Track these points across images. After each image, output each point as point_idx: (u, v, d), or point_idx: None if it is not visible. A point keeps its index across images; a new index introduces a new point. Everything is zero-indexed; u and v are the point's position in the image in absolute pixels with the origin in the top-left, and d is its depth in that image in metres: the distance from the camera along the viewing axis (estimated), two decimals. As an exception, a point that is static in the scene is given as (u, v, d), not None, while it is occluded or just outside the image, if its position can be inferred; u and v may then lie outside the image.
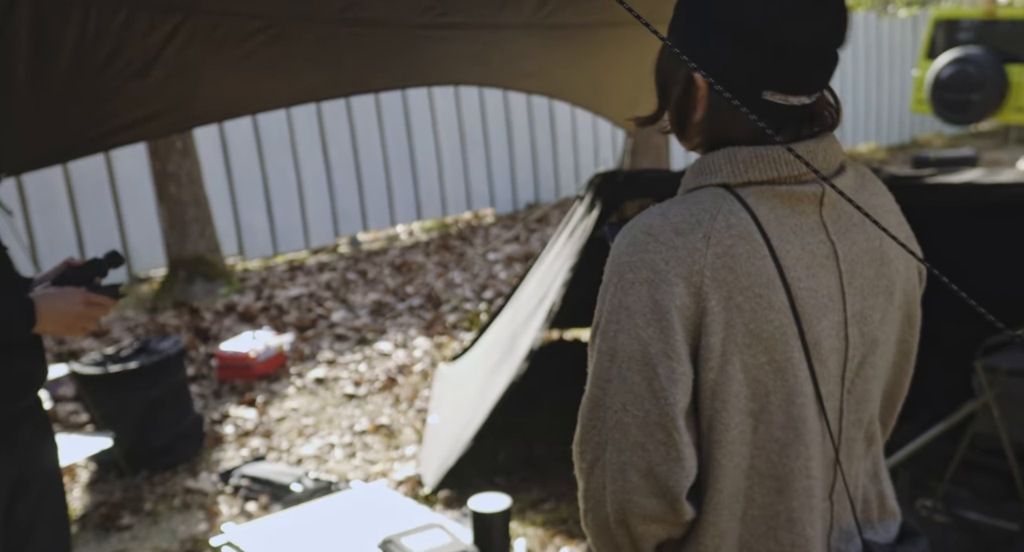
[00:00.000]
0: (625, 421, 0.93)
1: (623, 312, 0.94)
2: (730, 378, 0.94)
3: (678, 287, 0.92)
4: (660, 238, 0.94)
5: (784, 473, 0.97)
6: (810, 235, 0.98)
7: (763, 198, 0.97)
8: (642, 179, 3.74)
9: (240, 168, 6.83)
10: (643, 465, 0.93)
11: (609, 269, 0.97)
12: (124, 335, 5.13)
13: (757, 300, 0.94)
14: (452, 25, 2.67)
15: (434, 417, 3.66)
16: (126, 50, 2.13)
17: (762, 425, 0.96)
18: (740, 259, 0.94)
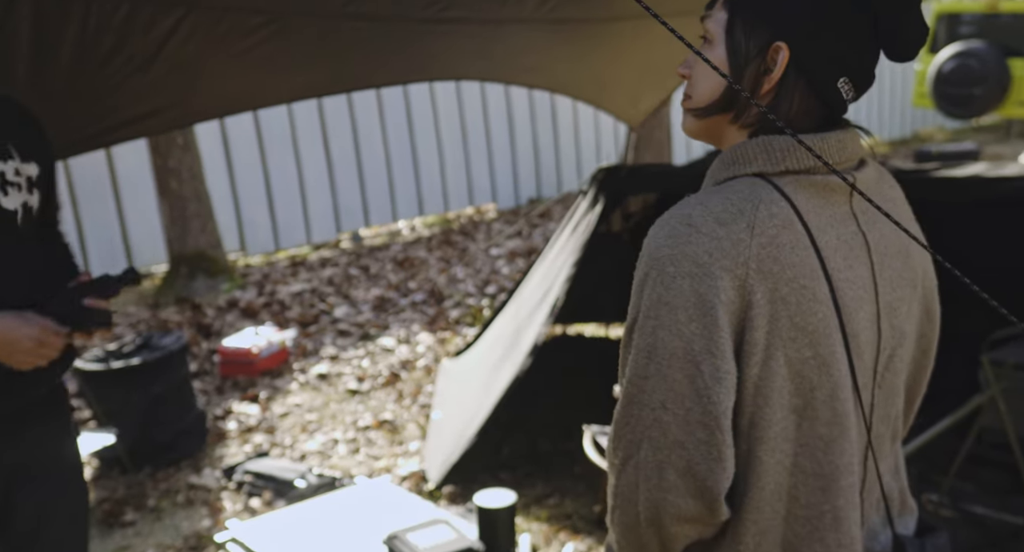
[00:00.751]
0: (664, 419, 0.90)
1: (663, 307, 0.90)
2: (774, 373, 0.91)
3: (723, 280, 0.89)
4: (702, 229, 0.90)
5: (829, 471, 0.94)
6: (843, 225, 0.97)
7: (800, 187, 0.95)
8: (645, 174, 3.73)
9: (241, 163, 6.82)
10: (682, 464, 0.90)
11: (646, 263, 0.93)
12: (126, 331, 5.12)
13: (802, 292, 0.91)
14: (454, 19, 2.65)
15: (437, 413, 3.66)
16: (127, 45, 2.12)
17: (806, 422, 0.94)
18: (784, 249, 0.91)
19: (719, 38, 0.99)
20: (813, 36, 0.95)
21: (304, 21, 2.39)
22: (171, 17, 2.11)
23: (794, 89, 0.96)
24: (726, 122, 1.01)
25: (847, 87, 0.97)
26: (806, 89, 0.96)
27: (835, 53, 0.96)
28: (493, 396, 3.20)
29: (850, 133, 0.99)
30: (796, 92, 0.96)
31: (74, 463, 1.76)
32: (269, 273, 6.36)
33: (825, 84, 0.96)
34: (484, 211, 8.30)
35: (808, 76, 0.96)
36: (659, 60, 3.45)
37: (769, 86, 0.97)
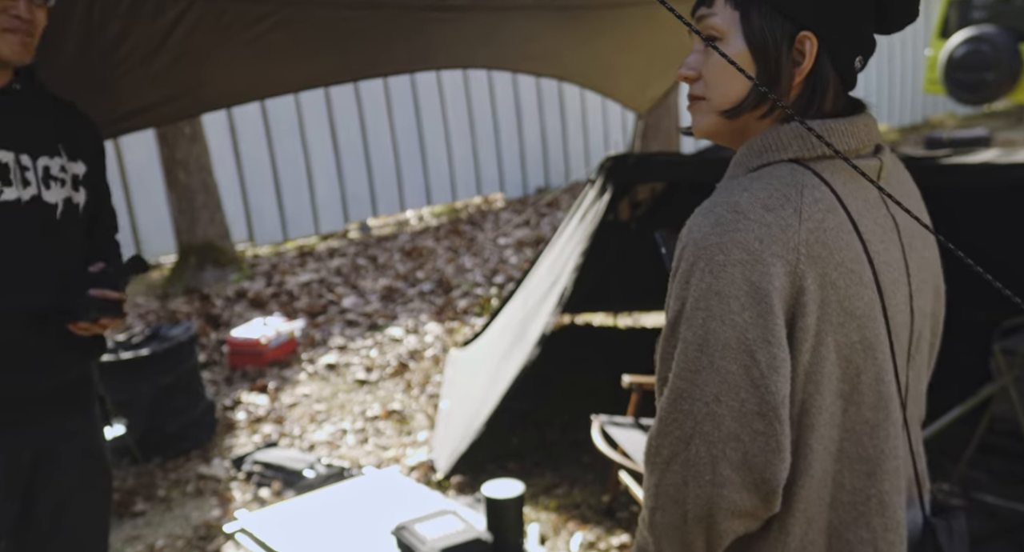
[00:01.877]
0: (718, 412, 0.88)
1: (714, 297, 0.88)
2: (823, 359, 0.90)
3: (775, 267, 0.87)
4: (750, 215, 0.88)
5: (875, 455, 0.93)
6: (876, 209, 0.97)
7: (836, 172, 0.94)
8: (653, 162, 3.71)
9: (249, 154, 6.82)
10: (737, 457, 0.88)
11: (691, 252, 0.90)
12: (136, 322, 5.14)
13: (850, 276, 0.90)
14: (459, 7, 2.64)
15: (446, 402, 3.66)
16: (132, 36, 2.11)
17: (852, 406, 0.93)
18: (831, 233, 0.90)
19: (733, 34, 0.96)
20: (836, 21, 0.94)
21: (308, 10, 2.37)
22: (175, 7, 2.10)
23: (827, 75, 0.96)
24: (755, 118, 0.99)
25: (860, 63, 0.98)
26: (835, 73, 0.97)
27: (853, 33, 0.97)
28: (501, 386, 3.19)
29: (869, 118, 0.99)
30: (829, 78, 0.97)
31: (99, 451, 1.77)
32: (277, 263, 6.37)
33: (847, 65, 0.97)
34: (492, 200, 8.29)
35: (834, 61, 0.96)
36: (667, 47, 3.42)
37: (800, 77, 0.96)
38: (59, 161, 1.62)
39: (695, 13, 1.00)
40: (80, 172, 1.67)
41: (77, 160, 1.67)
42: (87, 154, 1.71)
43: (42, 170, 1.59)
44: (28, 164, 1.57)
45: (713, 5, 0.98)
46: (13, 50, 1.54)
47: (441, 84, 7.78)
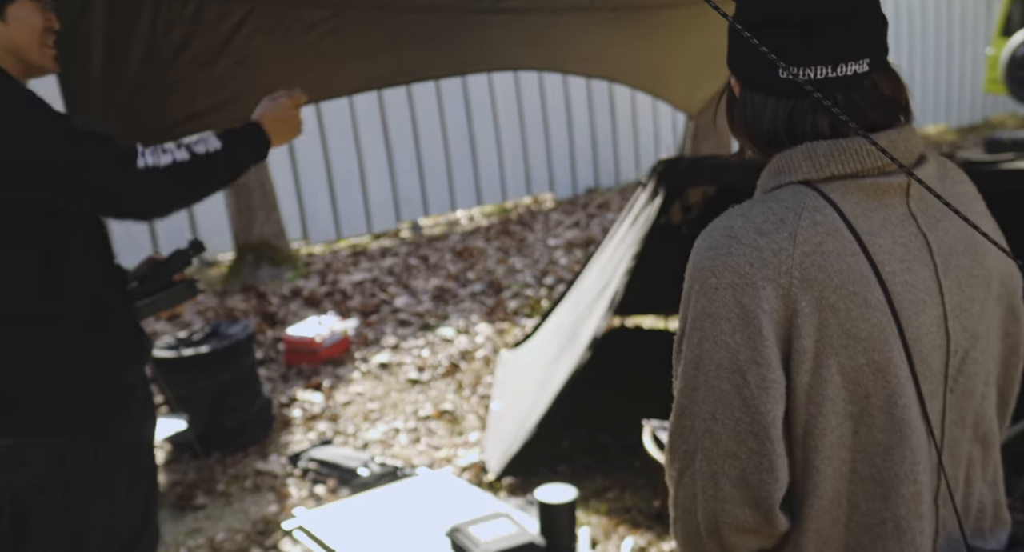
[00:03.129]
0: (715, 430, 0.91)
1: (707, 319, 0.91)
2: (825, 381, 0.90)
3: (765, 290, 0.89)
4: (743, 240, 0.91)
5: (888, 478, 0.93)
6: (900, 227, 0.94)
7: (848, 192, 0.93)
8: (705, 166, 3.67)
9: (304, 154, 6.93)
10: (735, 474, 0.90)
11: (690, 275, 0.94)
12: (195, 318, 5.27)
13: (852, 298, 0.90)
14: (513, 10, 2.64)
15: (497, 403, 3.67)
16: (195, 41, 2.17)
17: (863, 428, 0.92)
18: (830, 257, 0.90)
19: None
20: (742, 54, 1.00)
21: (364, 15, 2.41)
22: (236, 13, 2.16)
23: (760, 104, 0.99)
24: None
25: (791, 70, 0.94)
26: (763, 97, 0.99)
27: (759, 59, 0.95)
28: (552, 388, 3.20)
29: (904, 131, 0.96)
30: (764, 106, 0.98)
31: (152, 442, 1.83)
32: (331, 262, 6.47)
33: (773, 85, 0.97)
34: (542, 201, 8.29)
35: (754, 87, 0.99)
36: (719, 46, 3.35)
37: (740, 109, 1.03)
38: None
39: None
40: None
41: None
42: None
43: None
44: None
45: None
46: (52, 65, 1.63)
47: (492, 84, 7.81)
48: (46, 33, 1.58)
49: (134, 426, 1.73)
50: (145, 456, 1.79)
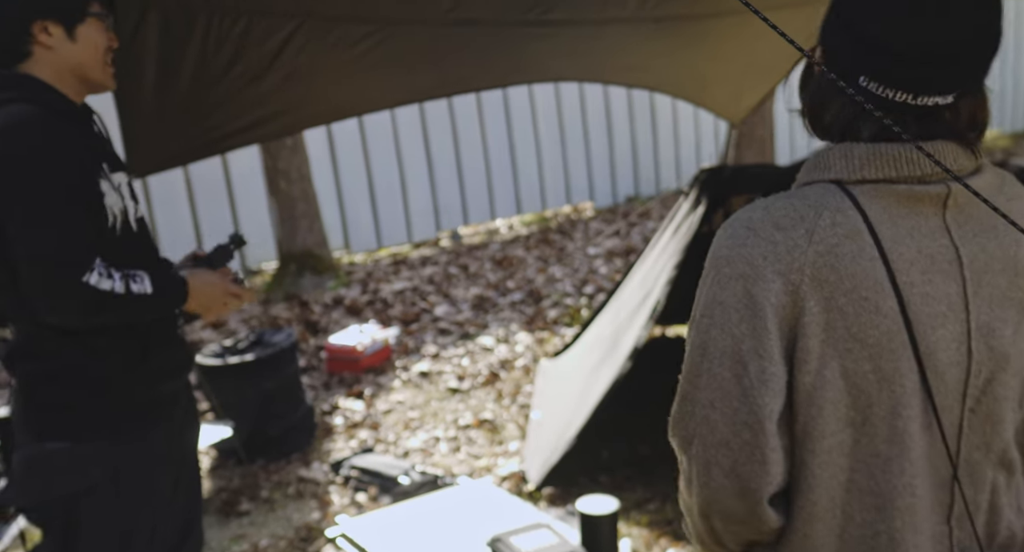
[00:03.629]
0: (712, 418, 0.92)
1: (717, 307, 0.92)
2: (828, 383, 0.90)
3: (775, 284, 0.90)
4: (760, 232, 0.92)
5: (886, 490, 0.92)
6: (929, 238, 0.93)
7: (878, 197, 0.92)
8: (748, 174, 3.64)
9: (346, 164, 7.02)
10: (727, 464, 0.91)
11: (708, 262, 0.96)
12: (240, 326, 5.36)
13: (862, 303, 0.89)
14: (556, 22, 2.66)
15: (537, 413, 3.67)
16: (244, 57, 2.22)
17: (864, 438, 0.92)
18: (844, 259, 0.90)
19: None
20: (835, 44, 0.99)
21: (409, 29, 2.44)
22: (285, 29, 2.20)
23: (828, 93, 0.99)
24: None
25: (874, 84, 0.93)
26: (837, 93, 0.98)
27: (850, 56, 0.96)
28: (593, 398, 3.19)
29: (951, 144, 0.94)
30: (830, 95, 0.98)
31: (196, 449, 1.87)
32: (372, 271, 6.53)
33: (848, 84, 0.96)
34: (582, 209, 8.27)
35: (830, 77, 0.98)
36: (763, 55, 3.35)
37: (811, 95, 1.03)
38: (126, 176, 1.72)
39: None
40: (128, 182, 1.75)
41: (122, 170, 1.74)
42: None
43: (127, 186, 1.69)
44: (129, 180, 1.69)
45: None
46: (112, 83, 1.66)
47: (532, 93, 7.83)
48: (108, 52, 1.62)
49: (178, 432, 1.77)
50: (189, 462, 1.83)
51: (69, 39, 1.55)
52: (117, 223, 1.60)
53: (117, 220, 1.60)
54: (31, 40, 1.54)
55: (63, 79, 1.58)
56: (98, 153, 1.62)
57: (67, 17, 1.54)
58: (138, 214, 1.67)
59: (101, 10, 1.58)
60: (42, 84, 1.56)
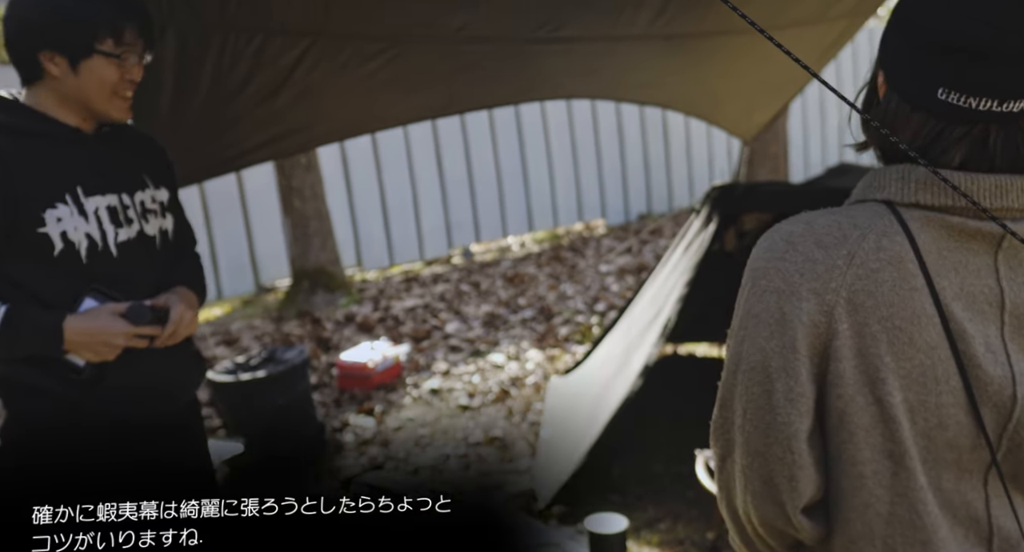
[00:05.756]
0: (747, 428, 0.92)
1: (751, 319, 0.91)
2: (861, 410, 0.88)
3: (809, 302, 0.87)
4: (799, 248, 0.89)
5: (928, 524, 0.89)
6: (974, 276, 0.88)
7: (929, 225, 0.88)
8: (761, 192, 3.63)
9: (359, 182, 7.07)
10: (764, 472, 0.91)
11: (747, 273, 0.94)
12: (252, 343, 5.38)
13: (896, 333, 0.86)
14: (567, 39, 2.67)
15: (547, 431, 3.66)
16: (258, 75, 2.24)
17: (903, 471, 0.89)
18: (884, 286, 0.86)
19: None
20: (903, 57, 0.92)
21: (421, 47, 2.46)
22: (298, 47, 2.22)
23: (898, 113, 0.92)
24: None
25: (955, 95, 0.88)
26: (910, 110, 0.91)
27: (925, 68, 0.90)
28: (604, 416, 3.17)
29: (1020, 180, 0.88)
30: (900, 115, 0.93)
31: (205, 469, 1.86)
32: (384, 288, 6.55)
33: (924, 99, 0.91)
34: (593, 227, 8.28)
35: (904, 94, 0.92)
36: (775, 72, 3.36)
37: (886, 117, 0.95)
38: (149, 192, 1.69)
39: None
40: (164, 199, 1.73)
41: (160, 187, 1.73)
42: (166, 179, 1.76)
43: (139, 205, 1.66)
44: (128, 202, 1.64)
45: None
46: (122, 114, 1.62)
47: (544, 111, 7.87)
48: (122, 84, 1.58)
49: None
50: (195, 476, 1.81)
51: (72, 72, 1.55)
52: (80, 249, 1.55)
53: (79, 246, 1.54)
54: (40, 67, 1.56)
55: (66, 105, 1.58)
56: (69, 177, 1.56)
57: (71, 52, 1.54)
58: (120, 238, 1.60)
59: (115, 49, 1.55)
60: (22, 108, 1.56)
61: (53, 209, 1.53)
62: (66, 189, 1.55)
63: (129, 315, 1.57)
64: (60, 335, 1.53)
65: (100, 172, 1.61)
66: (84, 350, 1.56)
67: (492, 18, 2.40)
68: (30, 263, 1.54)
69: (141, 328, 1.57)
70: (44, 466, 1.60)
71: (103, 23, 1.54)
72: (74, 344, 1.54)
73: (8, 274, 1.54)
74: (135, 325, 1.56)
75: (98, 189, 1.59)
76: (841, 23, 3.08)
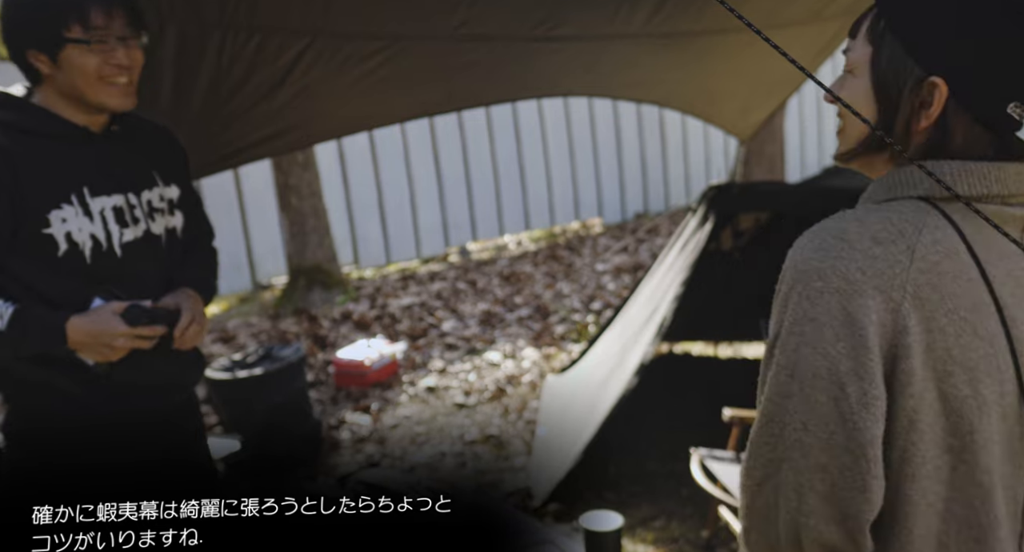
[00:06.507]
0: (806, 441, 0.86)
1: (808, 324, 0.86)
2: (929, 407, 0.86)
3: (875, 300, 0.84)
4: (856, 245, 0.86)
5: (985, 522, 0.88)
6: (1015, 260, 0.90)
7: (969, 216, 0.88)
8: (757, 192, 3.65)
9: (356, 180, 7.07)
10: (824, 489, 0.86)
11: (791, 276, 0.89)
12: (249, 341, 5.38)
13: (962, 325, 0.86)
14: (564, 37, 2.68)
15: (543, 429, 3.66)
16: (257, 73, 2.24)
17: (962, 465, 0.88)
18: (946, 278, 0.86)
19: (863, 71, 0.94)
20: (971, 67, 0.89)
21: (419, 45, 2.47)
22: (297, 45, 2.23)
23: (955, 121, 0.91)
24: (882, 158, 0.97)
25: (1019, 110, 0.90)
26: (971, 120, 0.91)
27: (998, 80, 0.89)
28: (599, 414, 3.18)
29: None
30: (959, 124, 0.91)
31: (206, 465, 1.86)
32: (381, 286, 6.55)
33: (991, 113, 0.90)
34: (590, 225, 8.29)
35: (971, 108, 0.90)
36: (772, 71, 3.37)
37: (927, 122, 0.91)
38: (158, 191, 1.67)
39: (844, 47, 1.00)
40: (174, 196, 1.71)
41: (171, 184, 1.71)
42: (178, 175, 1.74)
43: (146, 205, 1.64)
44: (135, 202, 1.62)
45: (856, 38, 0.96)
46: (118, 100, 1.57)
47: (542, 109, 7.88)
48: (107, 69, 1.54)
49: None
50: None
51: (56, 67, 1.53)
52: (84, 250, 1.54)
53: (84, 247, 1.54)
54: (33, 67, 1.54)
55: (71, 103, 1.57)
56: (76, 177, 1.55)
57: (47, 47, 1.52)
58: (125, 239, 1.59)
59: (84, 34, 1.51)
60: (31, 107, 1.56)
61: (58, 210, 1.53)
62: (72, 190, 1.55)
63: (126, 316, 1.56)
64: (63, 335, 1.53)
65: (107, 172, 1.60)
66: (87, 350, 1.56)
67: (491, 16, 2.41)
68: (37, 264, 1.54)
69: (139, 329, 1.56)
70: (46, 462, 1.60)
71: (67, 10, 1.50)
72: (77, 344, 1.54)
73: (18, 275, 1.54)
74: (131, 326, 1.56)
75: (104, 189, 1.59)
76: (836, 23, 3.10)
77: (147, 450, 1.66)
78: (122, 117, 1.65)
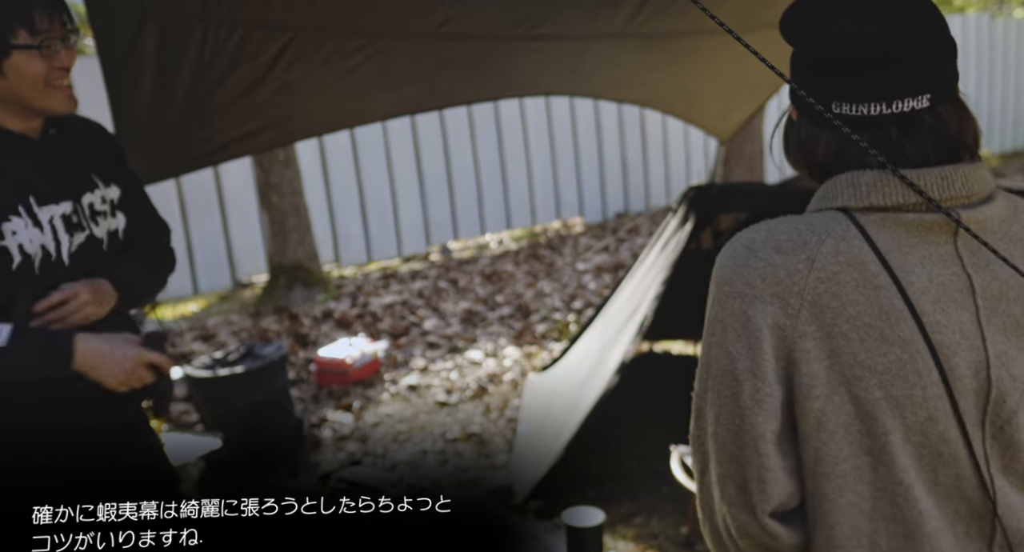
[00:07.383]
0: (720, 434, 0.93)
1: (718, 325, 0.94)
2: (838, 409, 0.90)
3: (772, 306, 0.90)
4: (759, 254, 0.93)
5: (913, 516, 0.91)
6: (941, 267, 0.92)
7: (886, 225, 0.91)
8: (737, 192, 3.68)
9: (337, 178, 7.05)
10: (739, 478, 0.92)
11: (712, 282, 0.97)
12: (230, 339, 5.35)
13: (866, 330, 0.89)
14: (545, 36, 2.70)
15: (524, 427, 3.68)
16: (239, 68, 2.24)
17: (882, 466, 0.91)
18: (847, 287, 0.90)
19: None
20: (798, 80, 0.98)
21: (401, 42, 2.47)
22: (279, 41, 2.22)
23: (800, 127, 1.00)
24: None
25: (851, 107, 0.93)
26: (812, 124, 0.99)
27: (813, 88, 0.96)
28: (580, 412, 3.20)
29: (962, 168, 0.93)
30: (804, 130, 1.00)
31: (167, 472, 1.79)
32: (362, 284, 6.53)
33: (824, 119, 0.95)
34: (571, 225, 8.31)
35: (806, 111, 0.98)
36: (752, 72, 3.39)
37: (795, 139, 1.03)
38: (99, 193, 1.62)
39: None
40: (115, 196, 1.66)
41: (111, 184, 1.65)
42: (117, 173, 1.68)
43: (88, 208, 1.59)
44: (77, 207, 1.57)
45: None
46: (64, 104, 1.52)
47: (523, 109, 7.90)
48: (54, 74, 1.49)
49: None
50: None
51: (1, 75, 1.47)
52: (35, 261, 1.49)
53: (35, 258, 1.49)
54: None
55: (8, 110, 1.50)
56: (21, 187, 1.50)
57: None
58: (73, 247, 1.54)
59: (31, 39, 1.45)
60: None
61: (7, 222, 1.47)
62: (18, 201, 1.49)
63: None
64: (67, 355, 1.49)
65: (51, 179, 1.54)
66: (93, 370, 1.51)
67: (473, 15, 2.42)
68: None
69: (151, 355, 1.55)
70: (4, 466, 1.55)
71: (11, 16, 1.44)
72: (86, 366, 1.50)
73: None
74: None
75: (51, 198, 1.53)
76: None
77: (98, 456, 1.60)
78: (56, 119, 1.58)
